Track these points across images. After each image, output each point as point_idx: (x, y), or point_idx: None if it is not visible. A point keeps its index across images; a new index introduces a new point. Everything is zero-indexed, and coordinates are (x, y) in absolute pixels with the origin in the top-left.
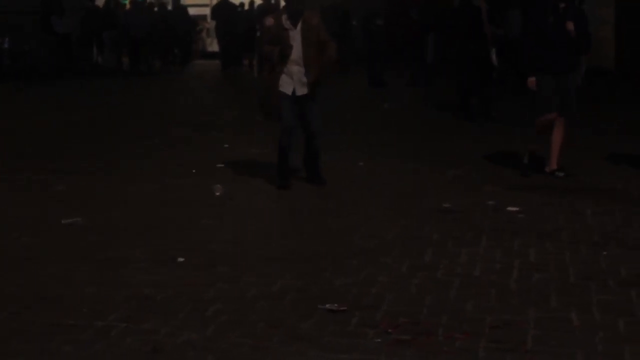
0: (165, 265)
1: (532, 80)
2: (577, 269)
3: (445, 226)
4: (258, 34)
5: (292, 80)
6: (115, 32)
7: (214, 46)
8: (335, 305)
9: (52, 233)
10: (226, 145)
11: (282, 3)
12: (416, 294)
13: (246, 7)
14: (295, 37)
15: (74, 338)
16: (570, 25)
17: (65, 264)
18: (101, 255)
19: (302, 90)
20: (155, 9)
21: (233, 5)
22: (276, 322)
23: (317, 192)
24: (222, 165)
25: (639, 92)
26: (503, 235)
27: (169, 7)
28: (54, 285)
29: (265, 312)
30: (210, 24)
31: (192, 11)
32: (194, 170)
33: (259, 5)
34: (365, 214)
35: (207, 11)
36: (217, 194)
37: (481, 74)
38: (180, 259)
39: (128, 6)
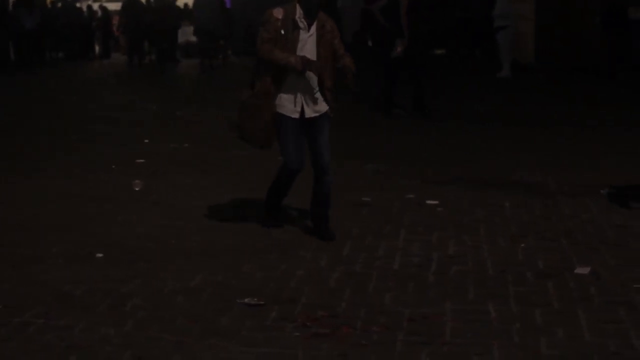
0: (83, 261)
1: None
2: (495, 261)
3: (364, 220)
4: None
5: (297, 99)
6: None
7: None
8: (254, 299)
9: None
10: (146, 140)
11: None
12: (334, 288)
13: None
14: (309, 41)
15: None
16: None
17: None
18: (17, 252)
19: (312, 112)
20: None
21: (139, 2)
22: (194, 316)
23: (235, 186)
24: (142, 161)
25: (558, 85)
26: (422, 229)
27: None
28: None
29: (183, 307)
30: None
31: (113, 7)
32: (113, 166)
33: None
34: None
35: None
36: (137, 189)
37: (410, 70)
38: (99, 255)
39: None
